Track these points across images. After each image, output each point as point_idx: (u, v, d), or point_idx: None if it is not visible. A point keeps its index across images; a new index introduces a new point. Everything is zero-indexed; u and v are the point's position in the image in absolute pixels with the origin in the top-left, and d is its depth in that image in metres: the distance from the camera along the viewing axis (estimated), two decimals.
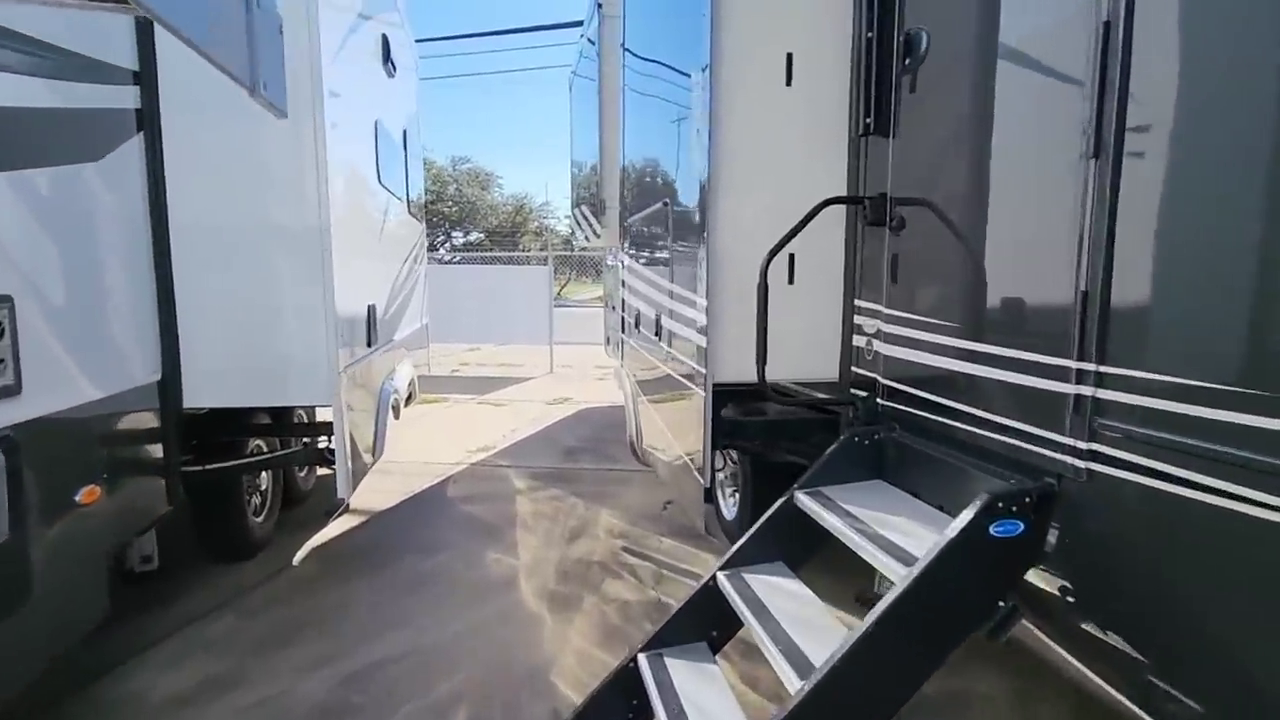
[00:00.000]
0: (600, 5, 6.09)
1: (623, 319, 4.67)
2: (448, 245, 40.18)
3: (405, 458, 6.67)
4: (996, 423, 1.93)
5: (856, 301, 2.76)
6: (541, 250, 29.60)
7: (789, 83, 2.75)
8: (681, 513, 5.03)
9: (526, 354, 13.64)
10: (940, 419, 2.22)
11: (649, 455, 4.09)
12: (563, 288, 32.78)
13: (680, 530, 4.80)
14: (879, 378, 2.59)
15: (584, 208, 7.15)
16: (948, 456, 2.15)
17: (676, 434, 3.27)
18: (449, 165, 40.74)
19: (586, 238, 7.02)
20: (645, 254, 3.89)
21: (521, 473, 6.34)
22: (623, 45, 4.59)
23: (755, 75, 2.75)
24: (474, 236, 41.54)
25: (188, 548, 4.20)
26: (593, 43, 6.39)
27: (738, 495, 3.81)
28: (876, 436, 2.50)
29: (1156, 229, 1.49)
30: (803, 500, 2.38)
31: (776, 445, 3.17)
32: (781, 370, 2.86)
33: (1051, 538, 1.77)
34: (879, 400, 2.58)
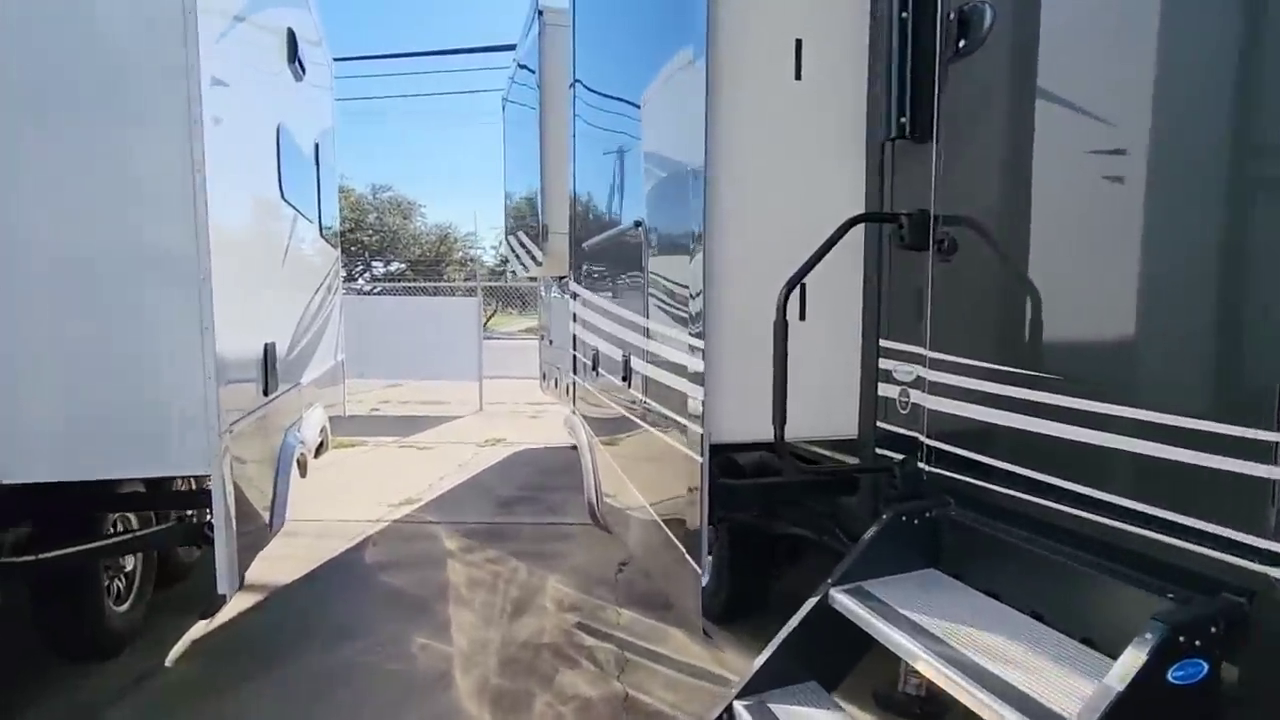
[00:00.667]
0: (540, 13, 5.59)
1: (575, 358, 4.06)
2: (367, 275, 38.67)
3: (315, 515, 5.80)
4: (1138, 512, 1.43)
5: (883, 342, 2.25)
6: (467, 280, 28.66)
7: (799, 76, 2.25)
8: (643, 577, 4.41)
9: (453, 390, 12.75)
10: (1027, 496, 1.71)
11: (614, 522, 3.47)
12: (489, 319, 31.85)
13: (640, 598, 4.17)
14: (920, 436, 2.08)
15: (521, 234, 6.54)
16: (1050, 551, 1.64)
17: (653, 500, 2.68)
18: (369, 193, 39.40)
19: (525, 266, 6.40)
20: (607, 283, 3.31)
21: (452, 530, 5.57)
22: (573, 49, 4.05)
23: (759, 67, 2.24)
24: (395, 266, 40.19)
25: (31, 643, 3.30)
26: (530, 70, 5.90)
27: (710, 561, 3.25)
28: (929, 514, 1.98)
29: None
30: (842, 601, 1.83)
31: (780, 515, 2.63)
32: (789, 426, 2.32)
33: (1233, 679, 1.26)
34: (922, 465, 2.07)
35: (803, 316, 2.32)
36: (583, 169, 3.78)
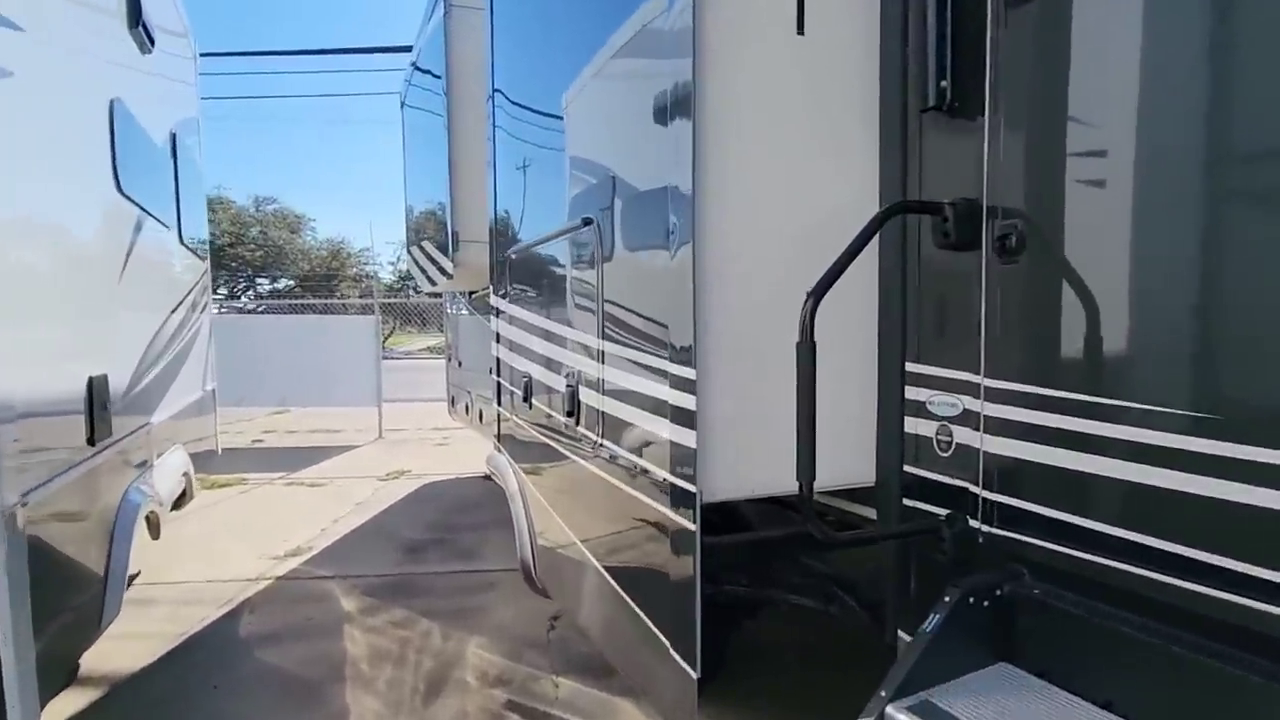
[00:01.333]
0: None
1: (499, 386, 3.43)
2: (251, 293, 36.15)
3: (177, 576, 4.87)
4: None
5: (910, 366, 1.79)
6: (363, 297, 27.12)
7: (800, 29, 1.78)
8: (579, 636, 3.81)
9: (348, 417, 11.68)
10: (1144, 572, 1.27)
11: (558, 589, 2.85)
12: (387, 338, 30.32)
13: (579, 662, 3.57)
14: (972, 488, 1.62)
15: (426, 245, 5.84)
16: (1185, 647, 1.20)
17: (616, 571, 2.12)
18: (251, 205, 36.92)
19: (431, 280, 5.70)
20: (543, 297, 2.73)
21: (350, 586, 4.78)
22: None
23: (754, 15, 1.75)
24: (283, 283, 37.84)
25: None
26: (435, 76, 5.29)
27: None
28: (1000, 592, 1.51)
29: None
30: None
31: (779, 580, 2.12)
32: (787, 472, 1.82)
33: None
34: (977, 524, 1.61)
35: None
36: (509, 161, 3.19)
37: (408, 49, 8.24)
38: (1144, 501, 1.30)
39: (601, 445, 2.17)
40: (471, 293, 6.92)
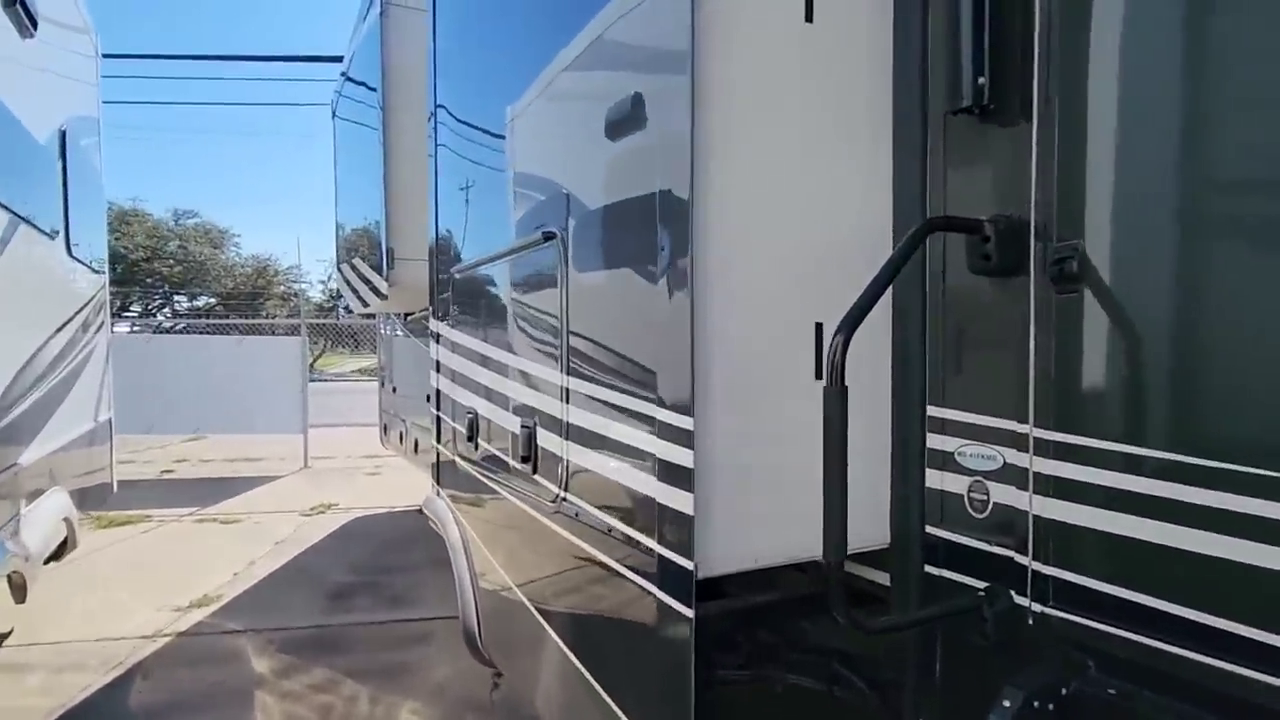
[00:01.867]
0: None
1: (439, 421, 3.05)
2: (167, 311, 34.25)
3: (59, 635, 4.25)
4: None
5: (932, 410, 1.53)
6: (290, 317, 25.94)
7: (809, 16, 1.52)
8: (525, 700, 3.42)
9: (271, 444, 10.92)
10: (1266, 678, 1.02)
11: (510, 664, 2.46)
12: (315, 359, 29.11)
13: None
14: (1018, 557, 1.36)
15: (358, 263, 5.39)
16: None
17: (585, 651, 1.77)
18: (169, 218, 35.12)
19: (363, 301, 5.25)
20: (492, 323, 2.38)
21: (265, 642, 4.26)
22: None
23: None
24: (203, 301, 36.06)
25: None
26: (368, 87, 4.96)
27: None
28: (1065, 691, 1.24)
29: None
30: None
31: (782, 660, 1.81)
32: (795, 537, 1.54)
33: None
34: (1026, 602, 1.35)
35: (819, 374, 1.55)
36: (453, 169, 2.84)
37: (338, 59, 7.82)
38: (1249, 587, 1.06)
39: (565, 500, 1.84)
40: (407, 314, 6.49)
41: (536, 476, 2.01)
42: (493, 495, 2.38)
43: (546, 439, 1.95)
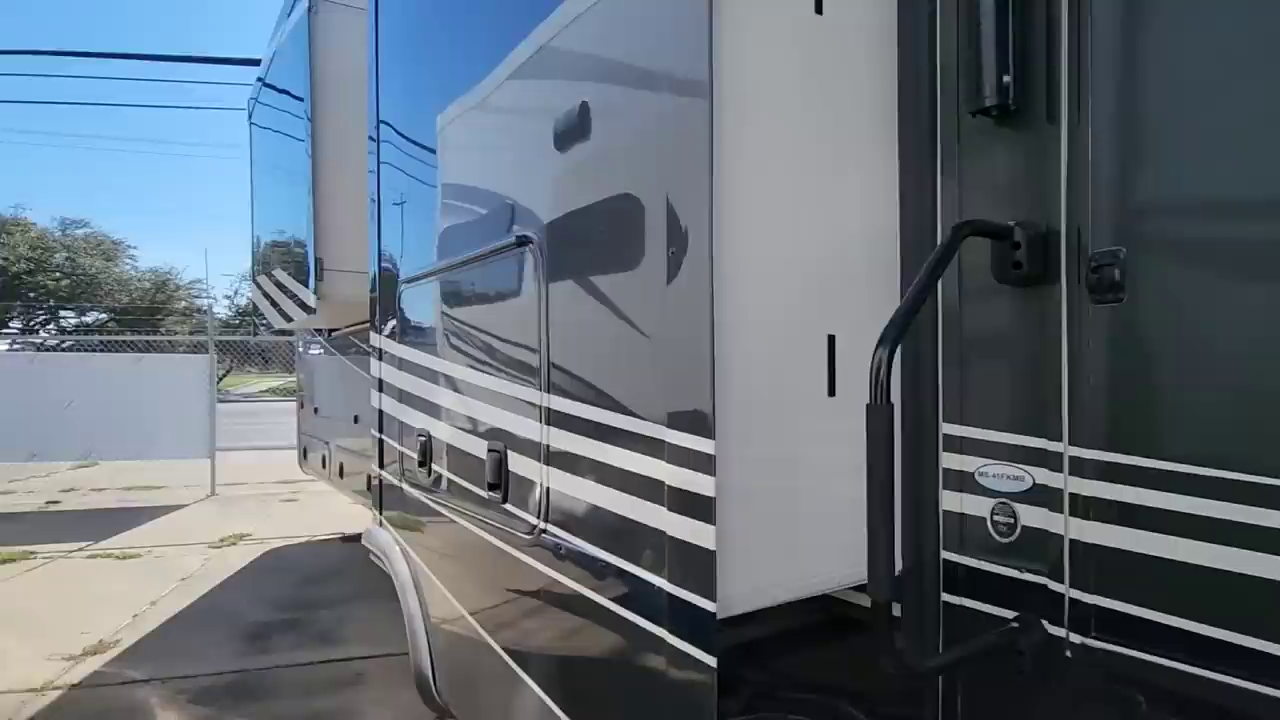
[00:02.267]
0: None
1: (383, 445, 2.79)
2: (52, 327, 31.70)
3: None
4: None
5: (947, 428, 1.45)
6: (194, 333, 24.44)
7: (819, 8, 1.42)
8: None
9: (173, 470, 10.12)
10: None
11: (470, 712, 2.21)
12: (222, 378, 27.55)
13: None
14: (1053, 584, 1.28)
15: (280, 274, 5.03)
16: None
17: (572, 702, 1.57)
18: (56, 228, 32.63)
19: (286, 316, 4.89)
20: (452, 337, 2.17)
21: (172, 693, 3.83)
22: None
23: None
24: (94, 317, 33.57)
25: None
26: (291, 96, 4.69)
27: None
28: None
29: None
30: None
31: (798, 701, 1.66)
32: (812, 565, 1.42)
33: None
34: (1063, 633, 1.26)
35: (832, 390, 1.44)
36: (402, 176, 2.62)
37: (255, 62, 7.38)
38: None
39: (545, 532, 1.65)
40: (331, 330, 6.11)
41: (508, 506, 1.82)
42: (451, 526, 2.16)
43: (520, 464, 1.77)
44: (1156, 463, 1.15)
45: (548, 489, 1.64)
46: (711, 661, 1.18)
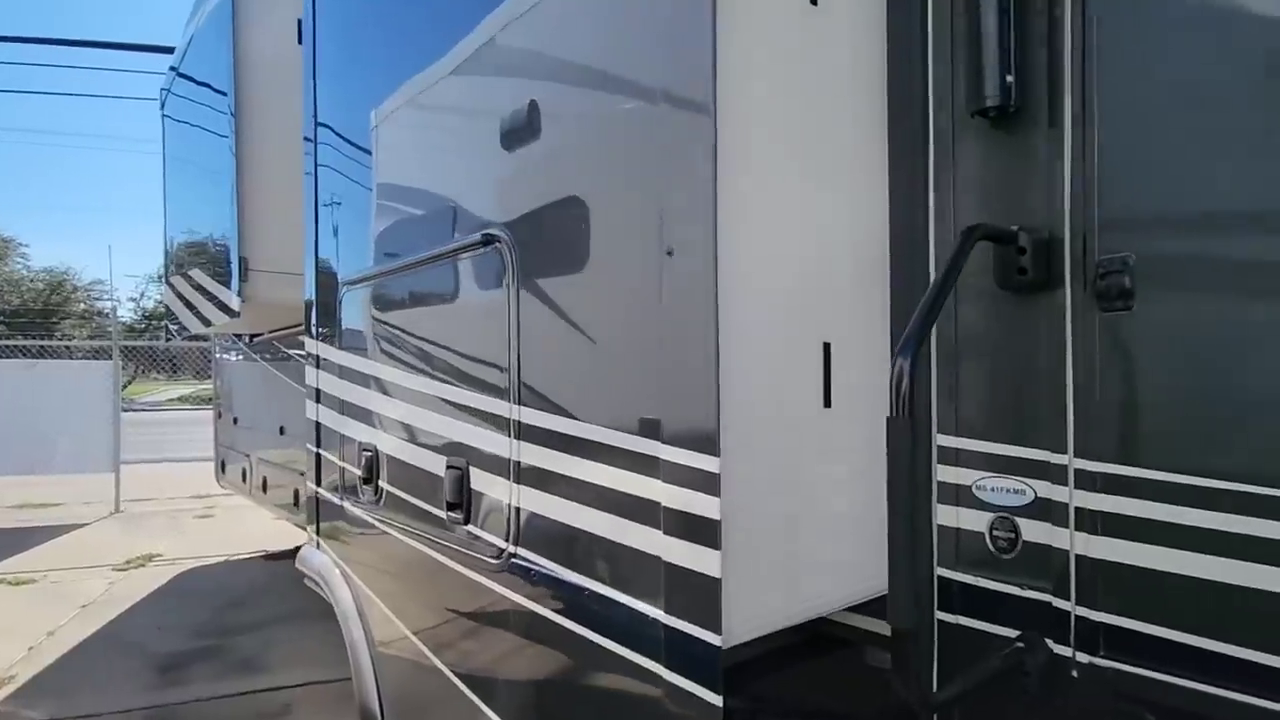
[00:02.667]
0: None
1: (320, 460, 2.57)
2: None
3: None
4: None
5: (942, 440, 1.39)
6: (94, 338, 22.87)
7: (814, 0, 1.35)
8: None
9: (72, 486, 9.35)
10: None
11: None
12: (125, 386, 25.91)
13: None
14: (1058, 602, 1.24)
15: (199, 276, 4.68)
16: None
17: None
18: None
19: (205, 319, 4.55)
20: (403, 343, 2.00)
21: None
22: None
23: None
24: None
25: None
26: (212, 88, 4.40)
27: None
28: None
29: None
30: None
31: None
32: (813, 586, 1.34)
33: None
34: (1069, 652, 1.22)
35: (828, 401, 1.37)
36: (344, 170, 2.43)
37: (168, 50, 6.91)
38: None
39: (515, 557, 1.52)
40: (254, 335, 5.76)
41: (471, 528, 1.67)
42: (402, 549, 1.99)
43: (485, 482, 1.63)
44: (1167, 475, 1.12)
45: (518, 509, 1.51)
46: (718, 701, 1.08)
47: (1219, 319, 1.08)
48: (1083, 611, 1.22)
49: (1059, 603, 1.25)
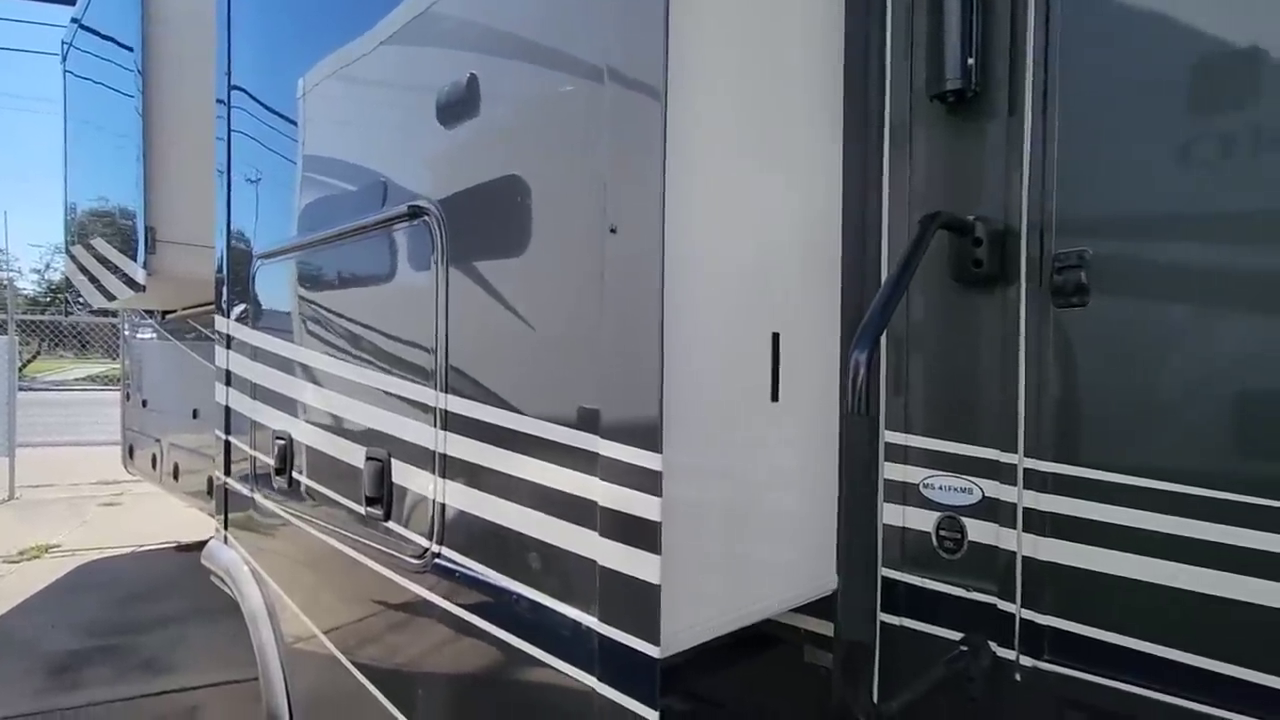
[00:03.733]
0: None
1: (228, 447, 2.38)
2: None
3: None
4: None
5: (890, 436, 1.35)
6: None
7: None
8: None
9: None
10: None
11: None
12: (26, 364, 24.21)
13: None
14: (1003, 604, 1.21)
15: (101, 245, 4.33)
16: None
17: None
18: None
19: (109, 293, 4.22)
20: (322, 323, 1.84)
21: None
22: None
23: None
24: None
25: None
26: (118, 42, 4.06)
27: None
28: None
29: None
30: None
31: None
32: (754, 589, 1.28)
33: None
34: (1013, 655, 1.20)
35: (775, 395, 1.30)
36: (261, 134, 2.23)
37: (69, 0, 6.39)
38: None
39: (439, 557, 1.41)
40: (165, 313, 5.38)
41: (391, 524, 1.55)
42: (317, 546, 1.84)
43: (408, 475, 1.50)
44: (1120, 477, 1.10)
45: (443, 506, 1.40)
46: (653, 716, 1.00)
47: (1176, 318, 1.05)
48: (1028, 614, 1.19)
49: (1004, 605, 1.21)
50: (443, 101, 1.43)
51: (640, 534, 1.02)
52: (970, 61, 1.21)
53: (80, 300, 5.06)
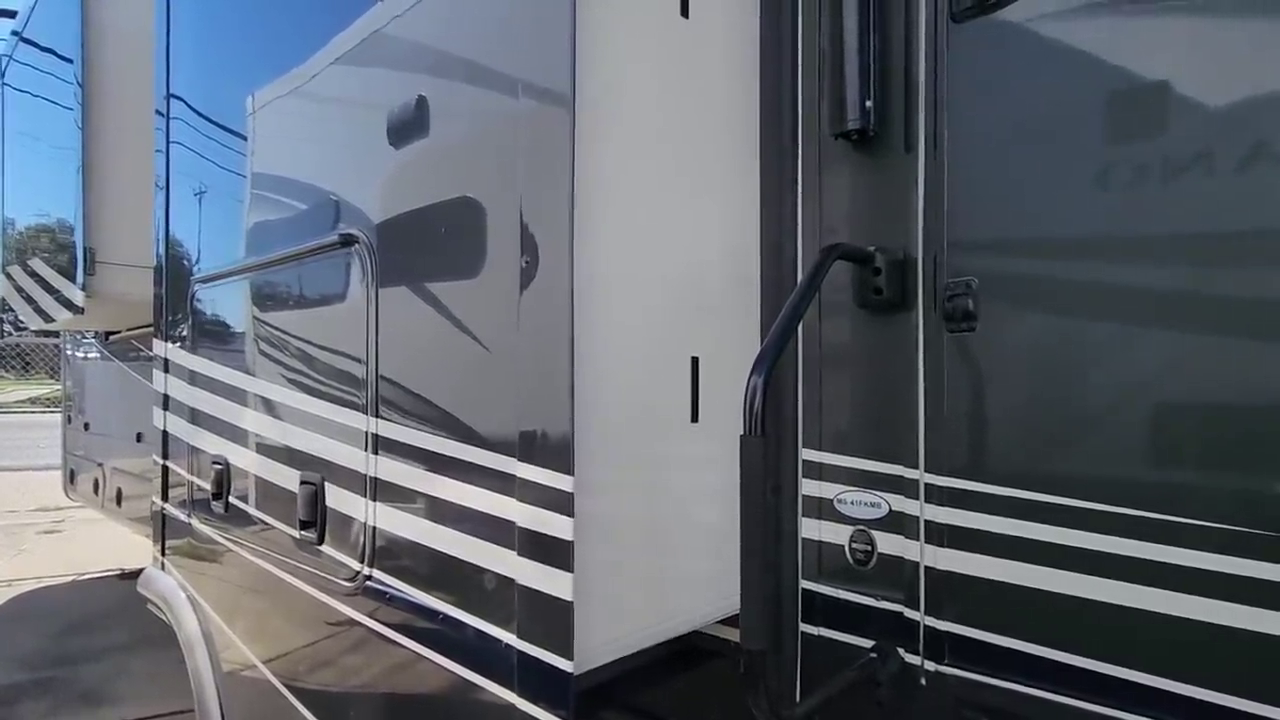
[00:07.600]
0: None
1: (166, 472, 2.35)
2: None
3: None
4: None
5: (806, 454, 1.42)
6: None
7: (685, 11, 1.34)
8: None
9: None
10: None
11: None
12: None
13: None
14: (909, 612, 1.28)
15: (38, 264, 4.24)
16: None
17: None
18: None
19: (46, 315, 4.12)
20: (258, 348, 1.85)
21: None
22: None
23: None
24: None
25: None
26: (57, 55, 4.00)
27: None
28: None
29: None
30: None
31: None
32: (671, 603, 1.33)
33: None
34: (917, 661, 1.26)
35: (695, 416, 1.36)
36: (199, 158, 2.24)
37: (10, 13, 6.26)
38: (1159, 637, 1.05)
39: (370, 579, 1.43)
40: (109, 333, 5.27)
41: (324, 548, 1.56)
42: (253, 571, 1.84)
43: (340, 499, 1.53)
44: (1007, 490, 1.17)
45: (374, 529, 1.42)
46: None
47: (1056, 340, 1.14)
48: (930, 621, 1.26)
49: (910, 613, 1.28)
50: (384, 126, 1.47)
51: (554, 552, 1.06)
52: (868, 104, 1.29)
53: (19, 322, 4.93)
